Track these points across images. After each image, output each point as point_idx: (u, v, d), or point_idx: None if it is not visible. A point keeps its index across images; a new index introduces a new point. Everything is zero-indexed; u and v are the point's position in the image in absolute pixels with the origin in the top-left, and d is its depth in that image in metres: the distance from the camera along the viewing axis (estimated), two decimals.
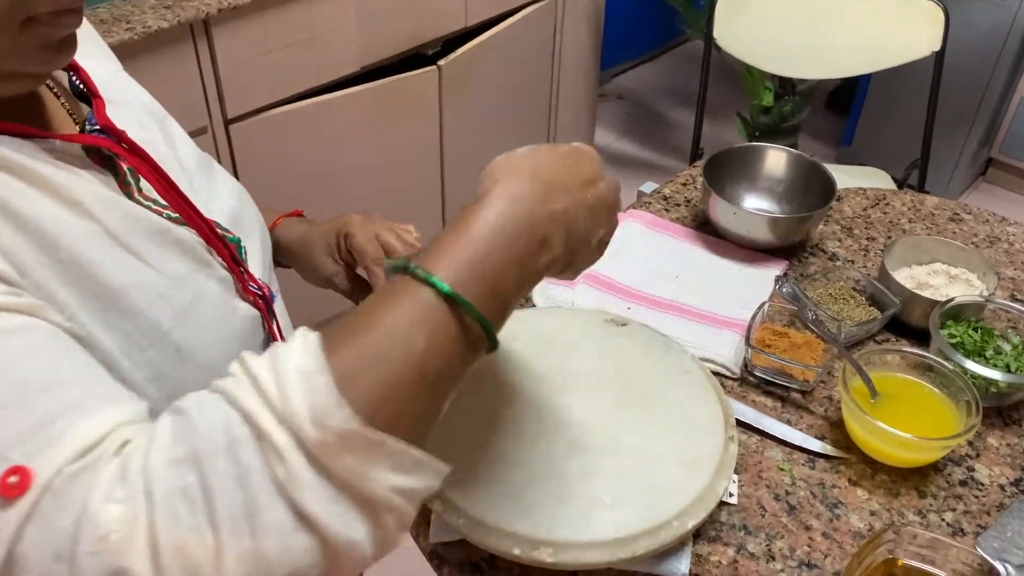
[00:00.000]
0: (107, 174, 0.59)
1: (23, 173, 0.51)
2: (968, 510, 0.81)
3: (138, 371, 0.55)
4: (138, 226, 0.58)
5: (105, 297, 0.54)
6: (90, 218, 0.54)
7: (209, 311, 0.61)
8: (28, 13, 0.48)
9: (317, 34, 1.74)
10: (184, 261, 0.61)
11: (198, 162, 0.72)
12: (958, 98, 2.55)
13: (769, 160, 1.17)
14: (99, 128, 0.60)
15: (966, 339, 0.92)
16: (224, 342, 0.62)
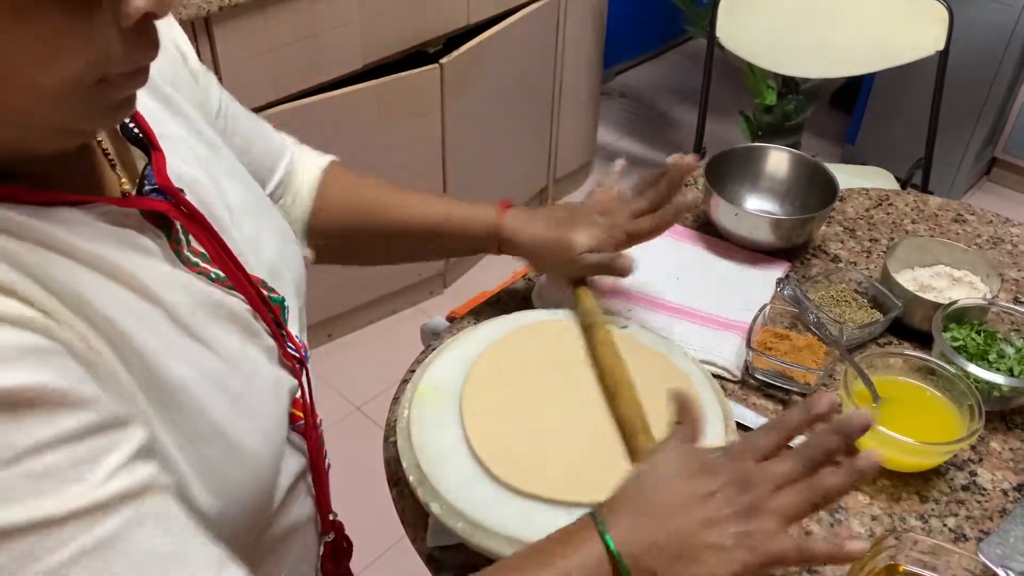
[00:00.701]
0: (160, 235, 0.58)
1: (78, 255, 0.50)
2: (971, 515, 0.81)
3: (191, 467, 0.55)
4: (195, 301, 0.58)
5: (165, 392, 0.53)
6: (152, 300, 0.54)
7: (258, 395, 0.61)
8: (103, 74, 0.46)
9: (319, 32, 1.74)
10: (236, 334, 0.61)
11: (245, 200, 0.70)
12: (962, 97, 2.54)
13: (771, 161, 1.17)
14: (155, 187, 0.59)
15: (969, 342, 0.91)
16: (269, 428, 0.62)
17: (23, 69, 0.43)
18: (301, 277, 0.76)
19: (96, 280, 0.51)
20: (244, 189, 0.71)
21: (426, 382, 0.84)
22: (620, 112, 3.23)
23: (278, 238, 0.73)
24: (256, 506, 0.62)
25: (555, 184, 2.68)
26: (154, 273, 0.55)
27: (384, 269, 2.19)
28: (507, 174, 2.43)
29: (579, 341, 0.89)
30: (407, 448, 0.78)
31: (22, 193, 0.49)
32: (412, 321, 2.29)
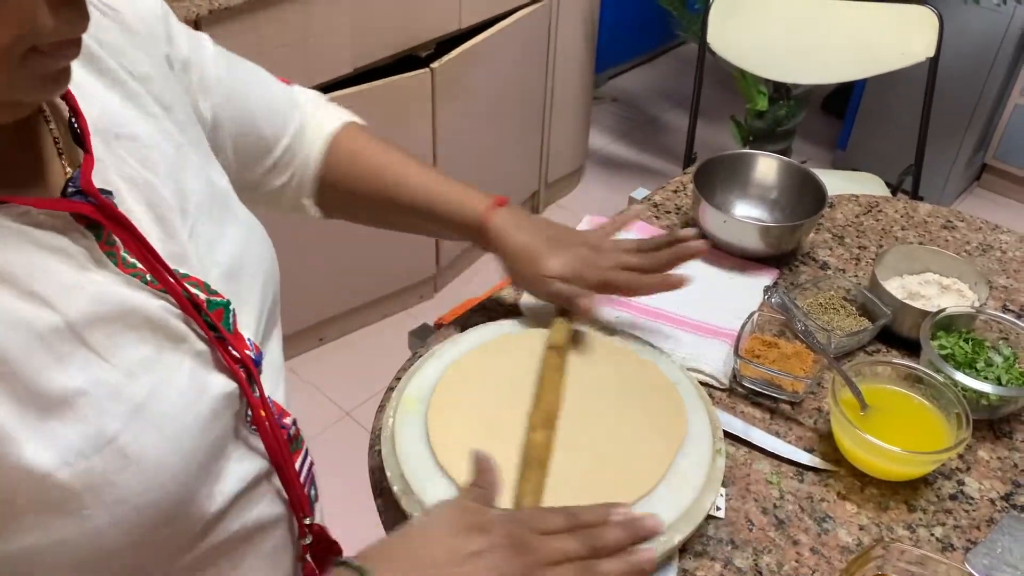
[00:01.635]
0: (89, 236, 0.57)
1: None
2: (958, 525, 0.80)
3: (76, 480, 0.53)
4: (103, 310, 0.56)
5: (45, 406, 0.52)
6: (50, 309, 0.53)
7: (167, 404, 0.59)
8: (32, 44, 0.46)
9: (310, 35, 1.73)
10: (149, 343, 0.59)
11: (210, 200, 0.68)
12: (953, 103, 2.55)
13: (760, 167, 1.17)
14: (78, 191, 0.57)
15: (957, 351, 0.91)
16: (182, 438, 0.60)
17: None
18: (270, 275, 0.74)
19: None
20: (209, 188, 0.70)
21: (410, 391, 0.84)
22: (612, 116, 3.23)
23: (242, 237, 0.71)
24: (168, 515, 0.59)
25: (546, 188, 2.67)
26: (59, 281, 0.54)
27: (374, 273, 2.19)
28: (498, 178, 2.43)
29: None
30: (391, 457, 0.78)
31: None
32: (402, 325, 2.28)
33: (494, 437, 0.78)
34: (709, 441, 0.80)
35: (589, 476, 0.76)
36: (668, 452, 0.78)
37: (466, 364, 0.86)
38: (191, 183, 0.67)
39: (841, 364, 0.87)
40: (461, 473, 0.74)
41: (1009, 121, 2.65)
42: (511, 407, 0.81)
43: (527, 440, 0.78)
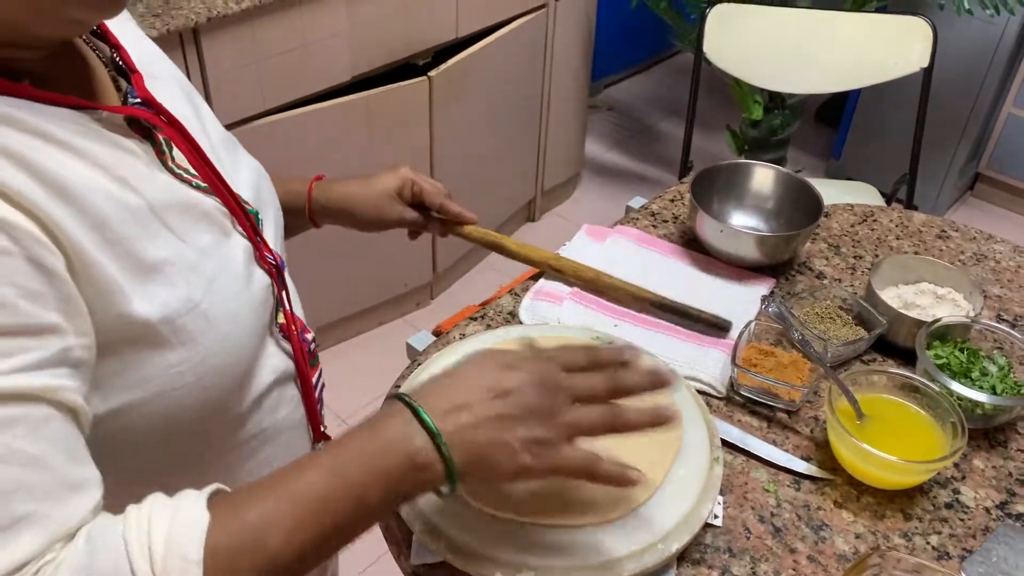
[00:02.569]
0: (146, 143, 0.64)
1: (76, 149, 0.57)
2: (953, 533, 0.81)
3: (174, 335, 0.61)
4: (173, 200, 0.64)
5: (145, 269, 0.59)
6: (135, 192, 0.60)
7: (231, 282, 0.67)
8: None
9: (308, 43, 1.74)
10: (211, 232, 0.67)
11: (223, 138, 0.78)
12: (947, 113, 2.57)
13: (757, 177, 1.17)
14: (139, 101, 0.65)
15: (952, 360, 0.92)
16: (243, 310, 0.68)
17: None
18: (278, 209, 0.83)
19: (82, 168, 0.57)
20: (222, 131, 0.79)
21: None
22: (607, 125, 3.24)
23: (256, 173, 0.81)
24: (233, 380, 0.67)
25: (543, 196, 2.68)
26: (137, 172, 0.61)
27: (370, 281, 2.19)
28: (495, 186, 2.44)
29: None
30: None
31: (27, 91, 0.55)
32: (399, 332, 2.28)
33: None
34: (706, 450, 0.81)
35: (585, 485, 0.76)
36: (665, 461, 0.78)
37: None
38: (208, 123, 0.76)
39: (837, 373, 0.88)
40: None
41: (1002, 131, 2.67)
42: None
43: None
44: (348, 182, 0.99)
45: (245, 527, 0.53)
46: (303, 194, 0.97)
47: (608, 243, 1.13)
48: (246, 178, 0.77)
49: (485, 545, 0.71)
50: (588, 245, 1.13)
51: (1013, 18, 2.37)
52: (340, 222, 0.99)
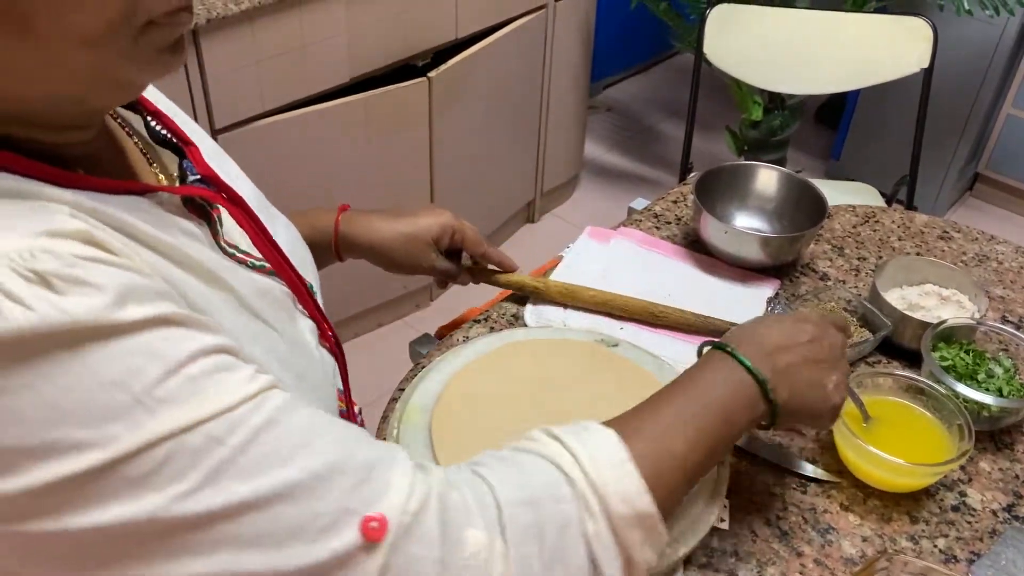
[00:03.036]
0: (203, 224, 0.61)
1: (161, 246, 0.53)
2: (960, 536, 0.81)
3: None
4: (253, 288, 0.61)
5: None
6: (220, 286, 0.57)
7: (315, 375, 0.65)
8: (148, 15, 0.47)
9: (306, 44, 1.73)
10: (285, 317, 0.64)
11: (256, 199, 0.73)
12: (946, 113, 2.57)
13: (760, 179, 1.17)
14: (199, 178, 0.61)
15: (958, 362, 0.91)
16: (325, 404, 0.65)
17: (64, 12, 0.44)
18: (315, 268, 0.79)
19: (170, 268, 0.53)
20: (253, 191, 0.74)
21: (414, 402, 0.84)
22: (607, 126, 3.24)
23: (288, 232, 0.76)
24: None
25: (542, 197, 2.68)
26: (216, 261, 0.58)
27: (369, 282, 2.18)
28: (494, 188, 2.43)
29: (562, 358, 0.88)
30: None
31: (82, 179, 0.51)
32: (398, 334, 2.28)
33: (496, 445, 0.78)
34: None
35: None
36: None
37: (469, 374, 0.86)
38: (237, 181, 0.71)
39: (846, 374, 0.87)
40: None
41: (1002, 131, 2.67)
42: (515, 418, 0.81)
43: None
44: (379, 219, 0.94)
45: (650, 437, 0.59)
46: (329, 229, 0.92)
47: (611, 245, 1.12)
48: (285, 240, 0.72)
49: None
50: (591, 247, 1.12)
51: (1012, 19, 2.36)
52: (367, 259, 0.96)
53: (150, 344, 0.45)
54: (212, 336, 0.49)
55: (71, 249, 0.44)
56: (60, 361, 0.42)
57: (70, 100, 0.50)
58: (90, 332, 0.43)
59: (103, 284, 0.44)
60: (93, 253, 0.45)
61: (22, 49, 0.45)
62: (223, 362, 0.48)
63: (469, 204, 2.33)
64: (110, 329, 0.44)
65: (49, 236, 0.44)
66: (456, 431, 0.80)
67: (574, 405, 0.83)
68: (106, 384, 0.43)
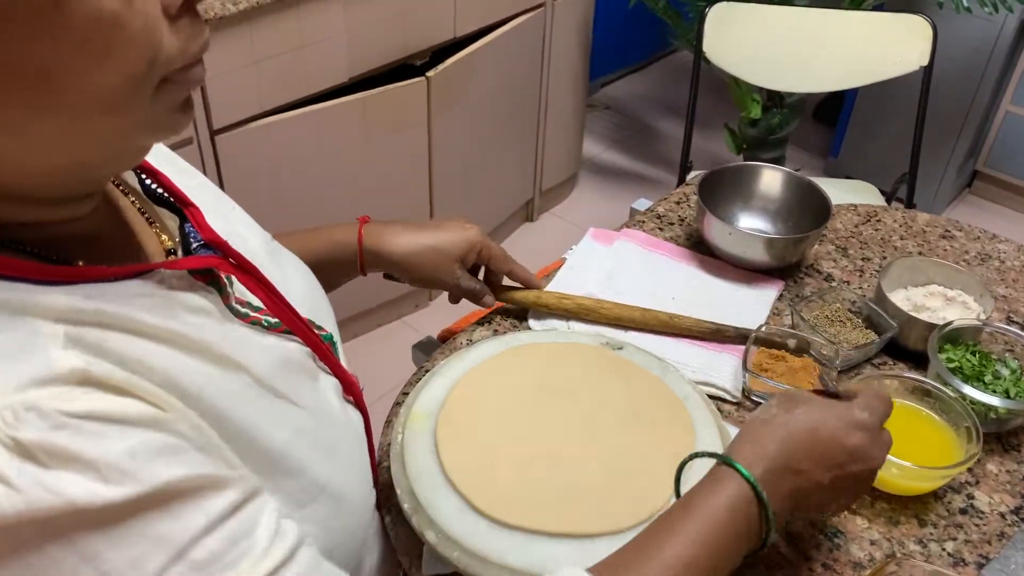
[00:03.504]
0: (212, 291, 0.57)
1: (165, 336, 0.49)
2: (969, 539, 0.80)
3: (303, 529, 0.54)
4: (270, 360, 0.56)
5: (270, 461, 0.53)
6: (234, 368, 0.53)
7: (346, 442, 0.62)
8: (165, 71, 0.45)
9: (305, 44, 1.72)
10: (308, 383, 0.60)
11: (265, 247, 0.69)
12: (945, 111, 2.56)
13: (763, 179, 1.16)
14: (203, 243, 0.58)
15: (964, 363, 0.91)
16: (360, 473, 0.63)
17: (87, 70, 0.41)
18: (330, 309, 0.76)
19: (182, 359, 0.49)
20: (260, 236, 0.71)
21: (419, 406, 0.83)
22: (605, 124, 3.23)
23: (301, 277, 0.72)
24: (356, 553, 0.63)
25: (541, 196, 2.67)
26: (224, 338, 0.54)
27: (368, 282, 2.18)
28: (493, 187, 2.43)
29: (567, 362, 0.88)
30: (401, 475, 0.77)
31: (80, 272, 0.47)
32: (398, 334, 2.27)
33: (504, 453, 0.78)
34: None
35: (598, 494, 0.75)
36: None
37: (474, 379, 0.85)
38: (243, 230, 0.68)
39: (849, 377, 0.87)
40: (471, 489, 0.74)
41: (1000, 128, 2.67)
42: (520, 422, 0.81)
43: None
44: (404, 230, 0.90)
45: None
46: (352, 244, 0.88)
47: (615, 247, 1.12)
48: (298, 287, 0.69)
49: (499, 556, 0.70)
50: (594, 249, 1.12)
51: (1011, 16, 2.36)
52: (392, 272, 0.92)
53: (153, 527, 0.41)
54: (227, 493, 0.45)
55: (62, 404, 0.40)
56: (50, 552, 0.38)
57: (83, 168, 0.47)
58: (84, 517, 0.39)
59: (98, 456, 0.40)
60: (88, 406, 0.41)
61: (46, 114, 0.42)
62: (236, 531, 0.45)
63: (468, 203, 2.32)
64: (107, 513, 0.40)
65: (37, 386, 0.40)
66: (462, 437, 0.79)
67: (580, 410, 0.82)
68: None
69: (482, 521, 0.72)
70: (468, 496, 0.73)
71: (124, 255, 0.54)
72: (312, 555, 0.50)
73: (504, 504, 0.73)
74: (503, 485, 0.75)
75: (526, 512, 0.72)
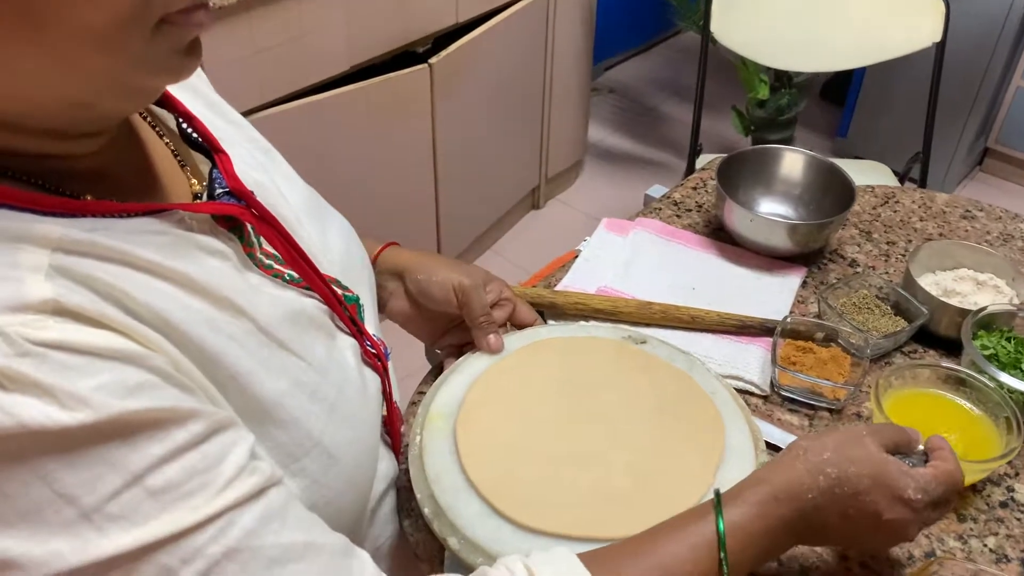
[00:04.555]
0: (233, 239, 0.57)
1: (167, 273, 0.49)
2: (1011, 534, 0.77)
3: (293, 481, 0.55)
4: (279, 312, 0.57)
5: (262, 410, 0.53)
6: (238, 313, 0.53)
7: (350, 402, 0.61)
8: (162, 12, 0.44)
9: (305, 33, 1.68)
10: (321, 340, 0.60)
11: (306, 203, 0.69)
12: (955, 88, 2.52)
13: (783, 162, 1.13)
14: (227, 190, 0.58)
15: (1000, 350, 0.88)
16: (363, 434, 0.62)
17: (66, 4, 0.41)
18: (371, 274, 0.75)
19: (180, 298, 0.49)
20: (302, 192, 0.71)
21: (436, 407, 0.80)
22: (610, 108, 3.19)
23: (343, 237, 0.72)
24: (351, 516, 0.62)
25: (547, 183, 2.63)
26: (236, 283, 0.54)
27: None
28: (498, 174, 2.39)
29: (589, 357, 0.85)
30: (420, 478, 0.74)
31: (84, 205, 0.48)
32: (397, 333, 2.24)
33: (527, 453, 0.75)
34: (751, 454, 0.77)
35: (625, 495, 0.72)
36: (708, 468, 0.74)
37: (493, 376, 0.82)
38: (286, 187, 0.68)
39: (880, 366, 0.83)
40: (493, 492, 0.71)
41: (1012, 105, 2.63)
42: (542, 421, 0.78)
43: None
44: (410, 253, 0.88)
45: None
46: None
47: (631, 237, 1.08)
48: (336, 247, 0.69)
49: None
50: (610, 240, 1.08)
51: None
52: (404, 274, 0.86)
53: (110, 452, 0.41)
54: (191, 425, 0.45)
55: (31, 332, 0.40)
56: (5, 467, 0.39)
57: (80, 106, 0.46)
58: (39, 439, 0.40)
59: (56, 383, 0.40)
60: (58, 335, 0.41)
61: (31, 49, 0.42)
62: (196, 463, 0.45)
63: (473, 192, 2.29)
64: (63, 437, 0.40)
65: (7, 313, 0.40)
66: (482, 438, 0.76)
67: (604, 407, 0.79)
68: (55, 496, 0.40)
69: (505, 525, 0.70)
70: (490, 499, 0.70)
71: (143, 194, 0.54)
72: (283, 498, 0.49)
73: (528, 507, 0.70)
74: (526, 487, 0.72)
75: (551, 515, 0.70)
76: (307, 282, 0.62)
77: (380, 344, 0.70)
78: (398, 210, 2.06)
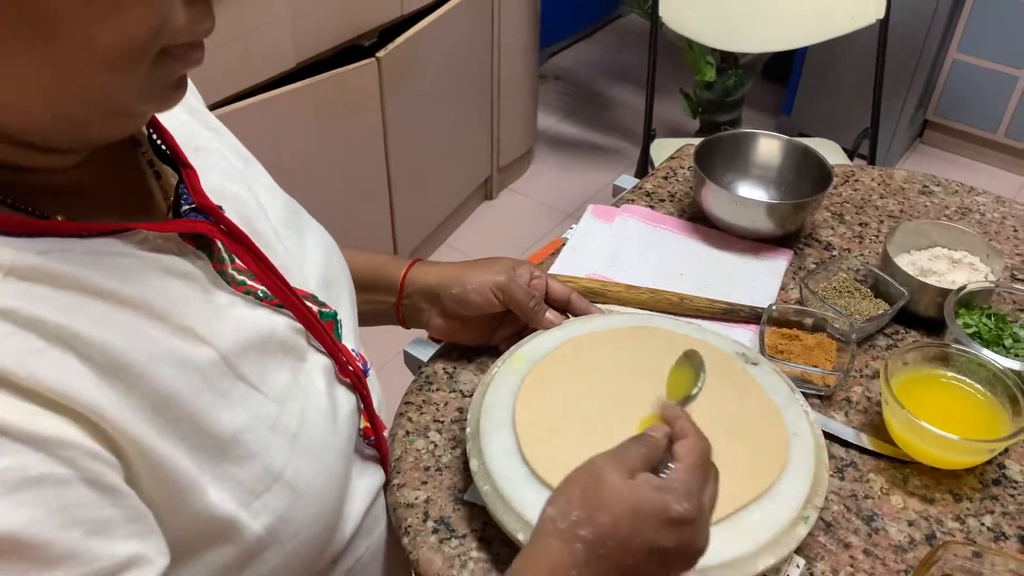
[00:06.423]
0: (202, 256, 0.55)
1: (126, 300, 0.47)
2: (1006, 511, 0.78)
3: (256, 520, 0.53)
4: (243, 338, 0.55)
5: (219, 447, 0.51)
6: (204, 344, 0.51)
7: (314, 430, 0.58)
8: (167, 43, 0.45)
9: (249, 31, 1.62)
10: (287, 364, 0.58)
11: (286, 213, 0.68)
12: (894, 62, 2.56)
13: (757, 146, 1.12)
14: (194, 206, 0.56)
15: (981, 328, 0.88)
16: (330, 462, 0.60)
17: (90, 23, 0.41)
18: (352, 286, 0.74)
19: (139, 327, 0.48)
20: (282, 203, 0.69)
21: (523, 349, 0.82)
22: (557, 95, 3.17)
23: (323, 249, 0.70)
24: (318, 546, 0.60)
25: (499, 173, 2.61)
26: (199, 309, 0.52)
27: None
28: (451, 166, 2.35)
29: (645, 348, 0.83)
30: (479, 401, 0.77)
31: (58, 226, 0.46)
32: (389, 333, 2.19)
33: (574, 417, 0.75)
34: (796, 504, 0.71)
35: None
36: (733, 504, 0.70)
37: (583, 344, 0.82)
38: (265, 197, 0.67)
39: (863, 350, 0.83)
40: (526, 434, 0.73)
41: (948, 76, 2.69)
42: (605, 398, 0.77)
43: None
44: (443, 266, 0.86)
45: None
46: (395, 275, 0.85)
47: (616, 224, 1.07)
48: (316, 263, 0.67)
49: (522, 507, 0.68)
50: (596, 227, 1.07)
51: None
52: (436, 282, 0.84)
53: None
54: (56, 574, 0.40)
55: None
56: None
57: (69, 121, 0.46)
58: None
59: None
60: None
61: (36, 60, 0.41)
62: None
63: (426, 186, 2.25)
64: None
65: None
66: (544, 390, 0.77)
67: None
68: None
69: (523, 468, 0.71)
70: (521, 438, 0.72)
71: (118, 211, 0.53)
72: None
73: (550, 461, 0.70)
74: (557, 443, 0.72)
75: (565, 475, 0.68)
76: (280, 299, 0.60)
77: (359, 359, 0.68)
78: (352, 207, 2.02)
